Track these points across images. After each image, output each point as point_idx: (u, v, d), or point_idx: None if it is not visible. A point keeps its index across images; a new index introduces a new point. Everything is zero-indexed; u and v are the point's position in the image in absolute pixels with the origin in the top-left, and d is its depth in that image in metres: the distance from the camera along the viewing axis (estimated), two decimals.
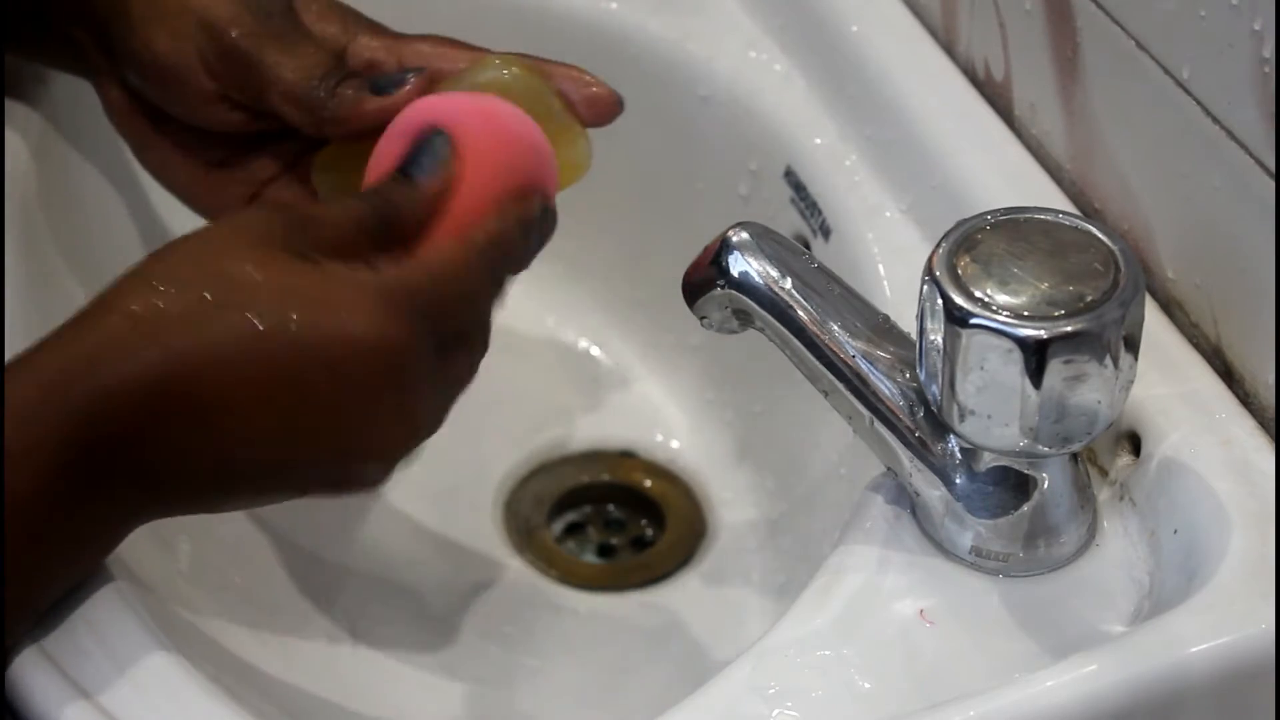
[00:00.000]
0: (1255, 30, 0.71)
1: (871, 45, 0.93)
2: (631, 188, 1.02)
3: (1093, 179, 0.83)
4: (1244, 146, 0.73)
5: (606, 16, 1.01)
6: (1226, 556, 0.70)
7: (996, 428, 0.69)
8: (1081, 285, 0.68)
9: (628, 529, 1.01)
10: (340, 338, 0.69)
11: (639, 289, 1.04)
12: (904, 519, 0.75)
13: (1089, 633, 0.71)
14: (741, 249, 0.74)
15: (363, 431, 0.71)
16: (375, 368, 0.70)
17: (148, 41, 0.81)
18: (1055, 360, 0.67)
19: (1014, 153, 0.87)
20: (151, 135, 0.85)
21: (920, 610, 0.72)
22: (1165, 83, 0.76)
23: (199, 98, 0.82)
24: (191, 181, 0.85)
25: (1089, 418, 0.69)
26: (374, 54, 0.82)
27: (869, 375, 0.73)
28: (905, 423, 0.73)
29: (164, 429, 0.68)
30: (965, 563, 0.73)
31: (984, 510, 0.72)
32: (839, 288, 0.74)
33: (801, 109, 0.95)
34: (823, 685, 0.70)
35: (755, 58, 0.98)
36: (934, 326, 0.69)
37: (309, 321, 0.69)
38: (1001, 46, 0.88)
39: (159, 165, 0.85)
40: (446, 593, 0.95)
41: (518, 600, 0.96)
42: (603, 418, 1.03)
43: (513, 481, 1.01)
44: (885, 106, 0.91)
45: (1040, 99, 0.86)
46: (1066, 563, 0.73)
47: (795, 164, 0.94)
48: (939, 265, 0.69)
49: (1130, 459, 0.76)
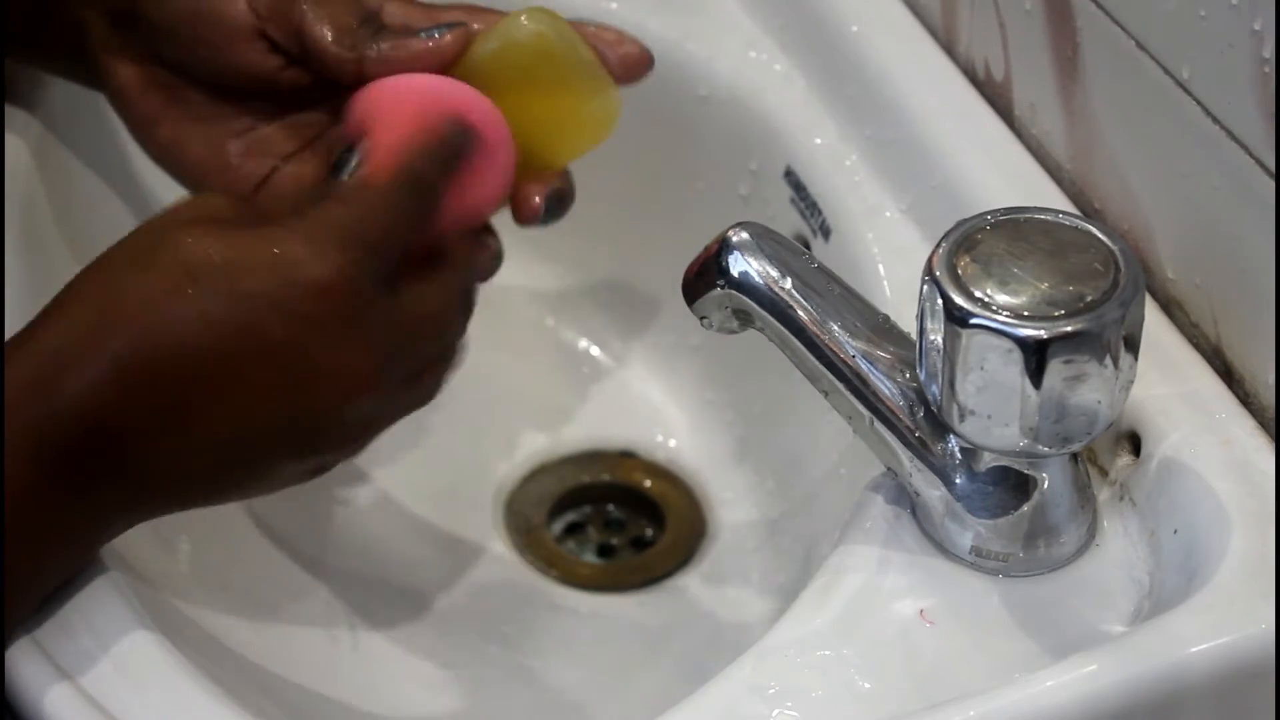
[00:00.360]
0: (1255, 30, 0.71)
1: (871, 45, 0.93)
2: (631, 188, 1.02)
3: (1093, 179, 0.83)
4: (1244, 146, 0.73)
5: (606, 17, 1.01)
6: (1226, 556, 0.70)
7: (996, 428, 0.69)
8: (1081, 285, 0.68)
9: (628, 529, 1.01)
10: (286, 284, 0.71)
11: (639, 289, 1.04)
12: (904, 519, 0.75)
13: (1089, 633, 0.71)
14: (741, 249, 0.74)
15: (329, 370, 0.72)
16: (323, 303, 0.71)
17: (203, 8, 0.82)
18: (1055, 360, 0.67)
19: (1014, 153, 0.87)
20: (166, 109, 0.84)
21: (920, 610, 0.72)
22: (1165, 83, 0.76)
23: (238, 34, 0.82)
24: (206, 157, 0.84)
25: (1089, 418, 0.69)
26: (408, 17, 0.83)
27: (869, 375, 0.73)
28: (905, 423, 0.73)
29: (137, 420, 0.70)
30: (965, 563, 0.73)
31: (984, 510, 0.72)
32: (839, 288, 0.74)
33: (801, 109, 0.95)
34: (823, 685, 0.70)
35: (755, 58, 0.98)
36: (934, 326, 0.69)
37: (256, 279, 0.71)
38: (1001, 46, 0.88)
39: (170, 143, 0.85)
40: (446, 593, 0.95)
41: (518, 600, 0.96)
42: (603, 418, 1.03)
43: (513, 481, 1.01)
44: (885, 106, 0.91)
45: (1040, 99, 0.86)
46: (1066, 563, 0.73)
47: (795, 164, 0.94)
48: (939, 265, 0.69)
49: (1130, 459, 0.76)
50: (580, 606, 0.96)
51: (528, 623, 0.94)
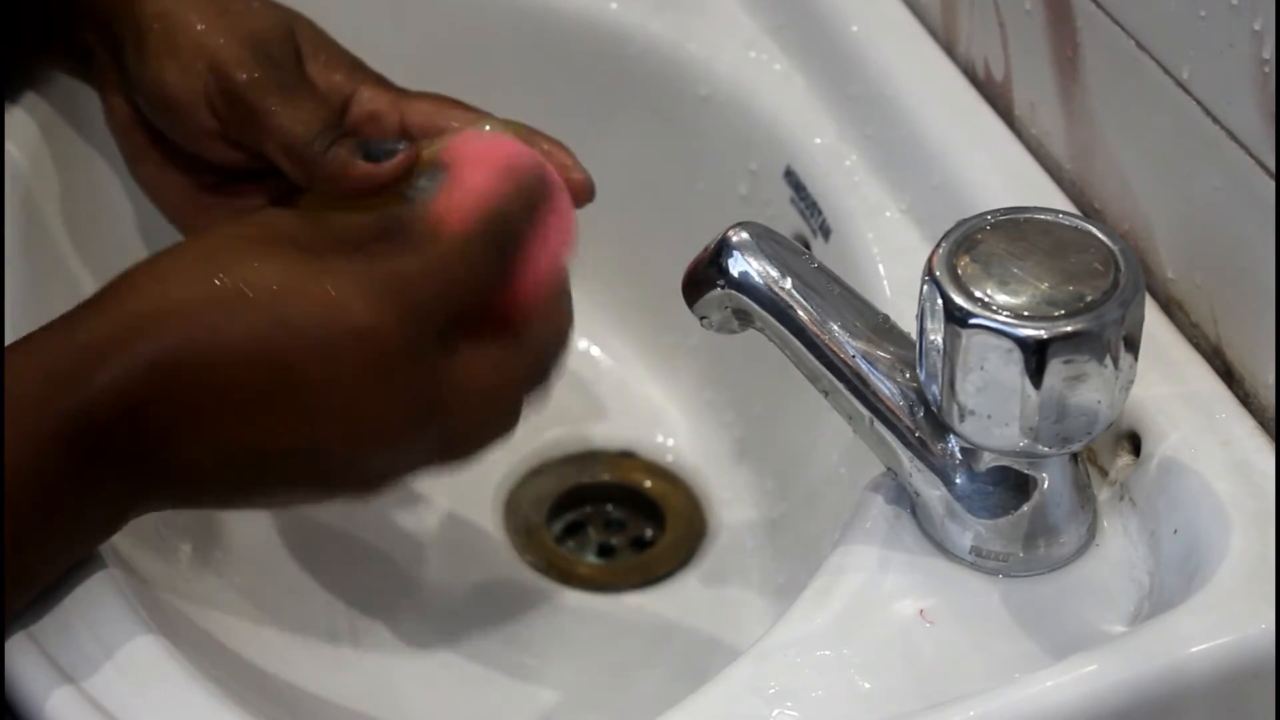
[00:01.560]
0: (1255, 30, 0.71)
1: (871, 45, 0.93)
2: (631, 188, 1.02)
3: (1093, 179, 0.83)
4: (1244, 146, 0.73)
5: (606, 16, 1.01)
6: (1226, 556, 0.70)
7: (996, 428, 0.69)
8: (1081, 285, 0.68)
9: (627, 529, 1.01)
10: (332, 325, 0.70)
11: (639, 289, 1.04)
12: (904, 519, 0.75)
13: (1089, 633, 0.71)
14: (741, 249, 0.74)
15: (357, 415, 0.72)
16: (365, 350, 0.71)
17: (158, 72, 0.83)
18: (1055, 360, 0.67)
19: (1014, 153, 0.87)
20: (148, 149, 0.86)
21: (920, 610, 0.72)
22: (1165, 83, 0.76)
23: (200, 132, 0.84)
24: (180, 200, 0.87)
25: (1089, 418, 0.69)
26: (376, 107, 0.84)
27: (869, 375, 0.73)
28: (905, 423, 0.73)
29: (167, 417, 0.70)
30: (965, 563, 0.73)
31: (984, 510, 0.72)
32: (839, 288, 0.74)
33: (801, 109, 0.95)
34: (823, 685, 0.70)
35: (755, 58, 0.98)
36: (934, 326, 0.69)
37: (304, 312, 0.70)
38: (1001, 46, 0.88)
39: (151, 179, 0.87)
40: (446, 593, 0.95)
41: (517, 600, 0.95)
42: (603, 418, 1.03)
43: (513, 481, 1.01)
44: (885, 106, 0.91)
45: (1040, 99, 0.86)
46: (1066, 563, 0.73)
47: (795, 164, 0.94)
48: (939, 265, 0.69)
49: (1130, 459, 0.76)
50: (580, 606, 0.96)
51: (528, 623, 0.94)
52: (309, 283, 0.71)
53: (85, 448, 0.69)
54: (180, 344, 0.70)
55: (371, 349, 0.71)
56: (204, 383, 0.70)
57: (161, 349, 0.70)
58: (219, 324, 0.70)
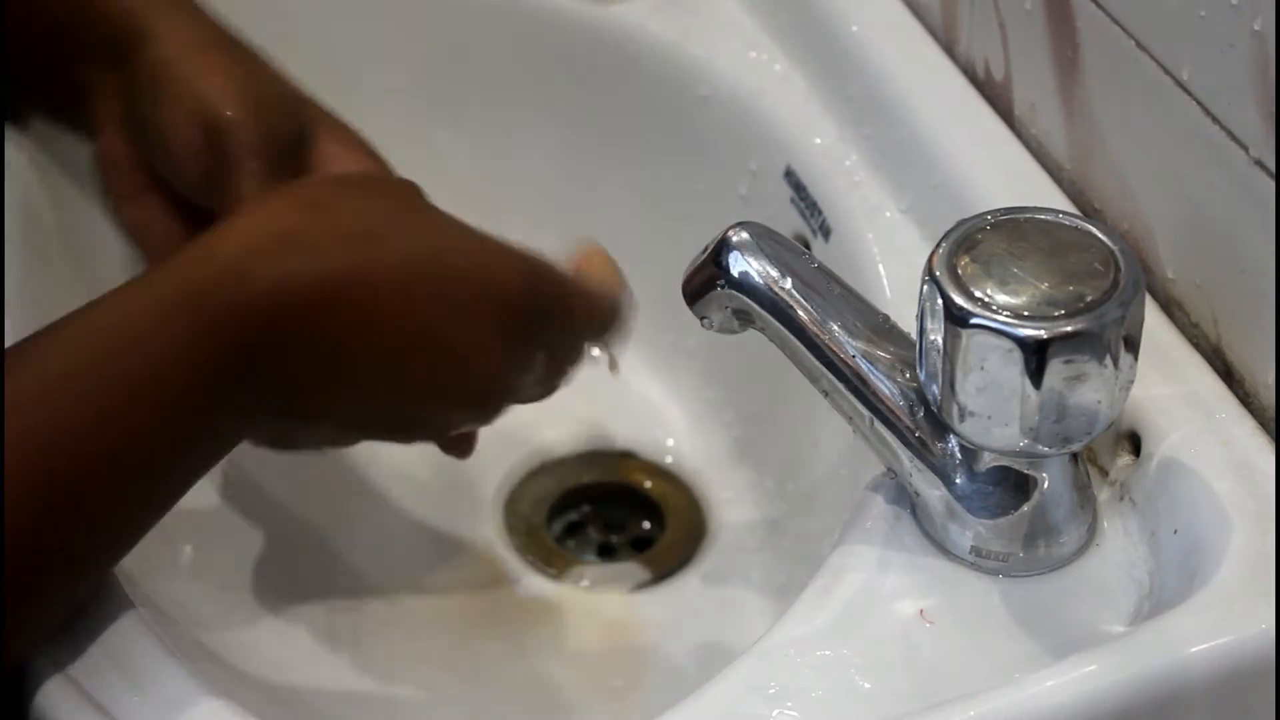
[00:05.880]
0: (1255, 30, 0.71)
1: (871, 45, 0.93)
2: (631, 188, 1.02)
3: (1093, 179, 0.83)
4: (1244, 146, 0.73)
5: (607, 16, 1.01)
6: (1226, 556, 0.70)
7: (996, 428, 0.69)
8: (1081, 285, 0.68)
9: (628, 529, 1.01)
10: (481, 279, 0.77)
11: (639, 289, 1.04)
12: (904, 519, 0.75)
13: (1089, 633, 0.71)
14: (741, 249, 0.74)
15: (468, 368, 0.78)
16: (501, 316, 0.77)
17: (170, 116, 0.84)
18: (1055, 360, 0.67)
19: (1014, 153, 0.87)
20: (143, 191, 0.87)
21: (920, 610, 0.72)
22: (1165, 83, 0.76)
23: (193, 190, 0.85)
24: (167, 243, 0.86)
25: (1089, 418, 0.69)
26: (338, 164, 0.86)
27: (869, 375, 0.73)
28: (905, 423, 0.73)
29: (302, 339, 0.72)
30: (965, 563, 0.73)
31: (984, 510, 0.72)
32: (839, 288, 0.74)
33: (801, 109, 0.95)
34: (823, 685, 0.70)
35: (755, 58, 0.98)
36: (934, 326, 0.69)
37: (455, 260, 0.76)
38: (1001, 46, 0.88)
39: (138, 220, 0.87)
40: (446, 593, 0.95)
41: (518, 600, 0.96)
42: (603, 418, 1.03)
43: (513, 481, 1.01)
44: (885, 106, 0.91)
45: (1040, 99, 0.86)
46: (1066, 563, 0.74)
47: (795, 164, 0.94)
48: (939, 265, 0.69)
49: (1130, 459, 0.76)
50: (580, 606, 0.96)
51: (528, 623, 0.94)
52: (463, 235, 0.77)
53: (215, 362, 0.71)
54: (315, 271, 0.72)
55: (504, 314, 0.77)
56: (345, 310, 0.73)
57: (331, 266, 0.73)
58: (350, 257, 0.73)
